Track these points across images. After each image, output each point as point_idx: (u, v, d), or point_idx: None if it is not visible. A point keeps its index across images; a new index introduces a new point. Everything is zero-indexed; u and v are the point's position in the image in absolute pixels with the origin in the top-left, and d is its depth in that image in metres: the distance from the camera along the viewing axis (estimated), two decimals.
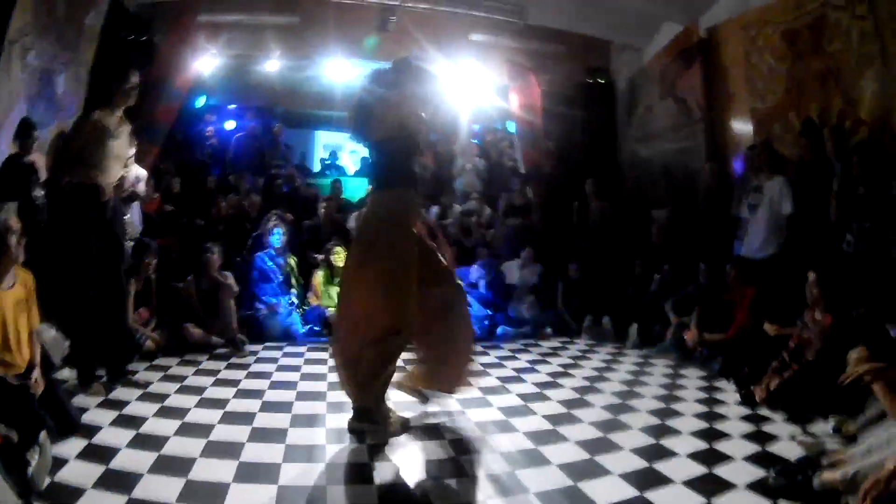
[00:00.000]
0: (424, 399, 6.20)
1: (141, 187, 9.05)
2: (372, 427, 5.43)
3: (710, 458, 5.00)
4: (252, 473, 4.52)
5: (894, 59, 7.66)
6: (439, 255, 5.73)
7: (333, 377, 7.05)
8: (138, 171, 9.12)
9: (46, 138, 8.74)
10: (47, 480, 4.06)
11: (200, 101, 15.56)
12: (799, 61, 9.07)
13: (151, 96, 11.82)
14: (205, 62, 13.50)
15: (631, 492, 4.38)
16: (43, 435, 4.17)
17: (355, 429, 5.43)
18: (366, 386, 5.41)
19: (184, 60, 12.70)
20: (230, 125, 16.40)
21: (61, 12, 9.54)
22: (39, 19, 8.93)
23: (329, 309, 9.53)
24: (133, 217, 9.05)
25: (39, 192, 7.73)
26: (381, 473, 4.66)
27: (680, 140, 12.14)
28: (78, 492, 4.00)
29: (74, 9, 9.93)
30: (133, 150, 8.81)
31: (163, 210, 11.31)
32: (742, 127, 10.49)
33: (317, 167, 17.58)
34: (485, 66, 14.05)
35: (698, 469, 4.77)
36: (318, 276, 10.00)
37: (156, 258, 8.27)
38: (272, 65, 14.46)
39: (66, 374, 6.44)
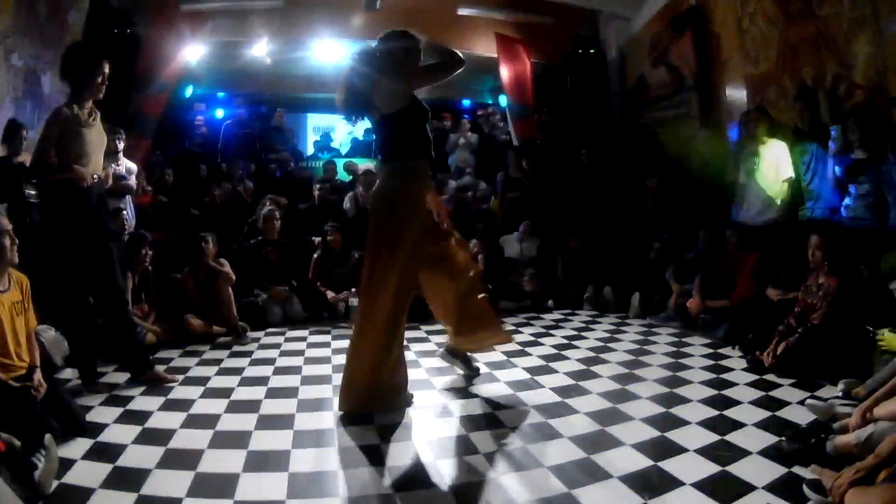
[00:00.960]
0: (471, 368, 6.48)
1: (132, 181, 9.01)
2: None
3: (722, 425, 4.98)
4: (262, 462, 4.48)
5: (887, 22, 7.63)
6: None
7: (338, 360, 7.13)
8: (129, 165, 9.13)
9: (35, 138, 8.76)
10: (55, 483, 4.01)
11: (188, 91, 15.51)
12: (791, 26, 9.06)
13: (139, 88, 11.83)
14: (191, 51, 13.47)
15: (645, 462, 4.34)
16: (48, 438, 4.11)
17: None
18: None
19: (169, 51, 12.68)
20: (220, 113, 16.37)
21: (43, 12, 9.58)
22: (21, 20, 8.96)
23: (328, 292, 9.56)
24: (127, 211, 9.00)
25: (31, 193, 7.70)
26: (393, 454, 4.63)
27: (673, 108, 12.14)
28: (86, 492, 3.95)
29: (56, 8, 9.96)
30: (122, 144, 8.75)
31: (157, 202, 11.26)
32: (736, 93, 10.50)
33: (309, 150, 17.54)
34: (474, 41, 14.00)
35: (711, 437, 4.74)
36: (316, 259, 9.96)
37: (152, 250, 8.20)
38: (259, 50, 14.43)
39: (69, 373, 6.40)
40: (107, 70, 6.11)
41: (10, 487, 3.52)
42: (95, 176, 6.12)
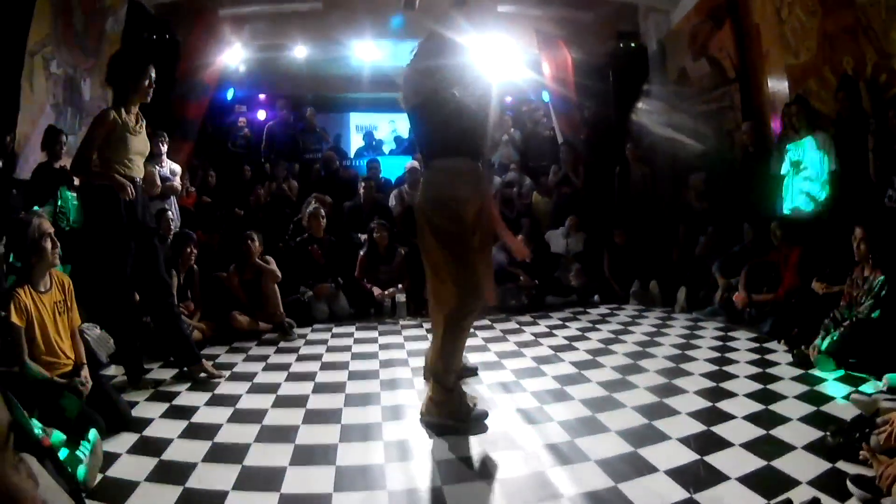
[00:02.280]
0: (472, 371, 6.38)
1: (176, 182, 9.14)
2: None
3: (767, 419, 4.95)
4: (309, 456, 4.52)
5: None
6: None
7: (385, 355, 7.27)
8: (172, 166, 9.25)
9: (76, 144, 8.91)
10: (99, 476, 4.08)
11: (230, 94, 15.67)
12: (830, 15, 8.95)
13: (180, 92, 11.95)
14: (230, 55, 13.65)
15: (691, 456, 4.34)
16: (93, 432, 4.19)
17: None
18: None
19: (209, 55, 12.85)
20: (261, 115, 16.51)
21: (80, 21, 9.71)
22: (58, 29, 9.07)
23: (375, 288, 9.66)
24: (172, 212, 9.12)
25: (73, 195, 7.85)
26: (440, 449, 4.64)
27: (715, 101, 12.06)
28: (131, 485, 4.01)
29: (93, 16, 10.10)
30: (165, 147, 8.89)
31: (201, 203, 11.42)
32: (777, 84, 10.38)
33: (353, 149, 17.64)
34: (515, 38, 14.00)
35: (756, 431, 4.72)
36: (363, 256, 10.05)
37: (196, 248, 8.32)
38: (299, 51, 14.52)
39: (114, 370, 6.52)
40: (153, 74, 6.20)
41: (56, 480, 3.61)
42: (139, 178, 6.24)
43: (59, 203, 7.76)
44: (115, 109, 6.02)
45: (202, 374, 6.43)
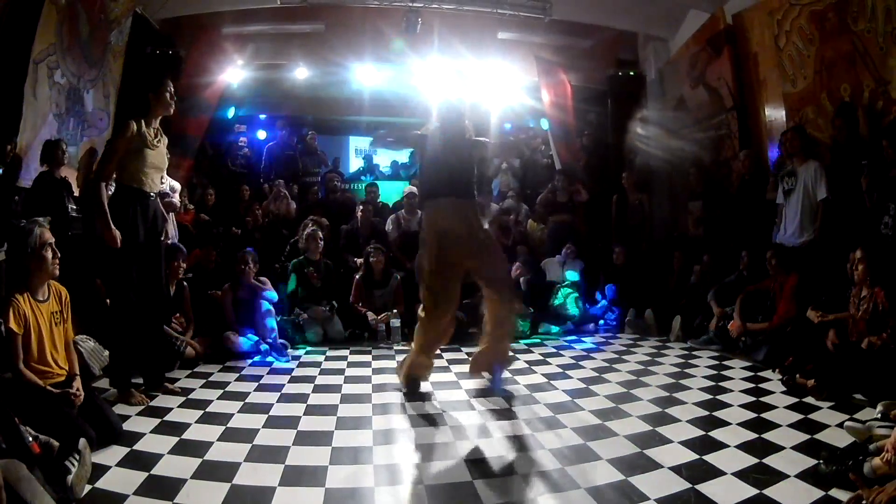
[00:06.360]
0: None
1: (175, 199, 9.15)
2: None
3: (760, 448, 4.93)
4: (298, 477, 4.50)
5: None
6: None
7: (378, 380, 7.23)
8: (172, 183, 9.24)
9: (77, 155, 8.86)
10: (87, 488, 4.06)
11: (230, 112, 15.68)
12: (827, 43, 9.00)
13: (181, 109, 11.97)
14: (232, 73, 13.65)
15: (682, 485, 4.31)
16: (82, 442, 4.17)
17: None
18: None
19: (211, 73, 12.86)
20: (262, 135, 16.53)
21: (85, 31, 9.68)
22: (63, 39, 9.04)
23: (369, 313, 9.61)
24: (169, 228, 9.11)
25: (73, 207, 7.84)
26: (431, 474, 4.62)
27: (713, 128, 12.06)
28: (120, 498, 4.00)
29: (98, 27, 10.07)
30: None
31: (199, 220, 11.41)
32: (775, 112, 10.41)
33: (351, 172, 17.67)
34: (514, 64, 14.04)
35: (749, 460, 4.69)
36: (358, 280, 10.02)
37: (185, 261, 8.36)
38: (300, 73, 14.53)
39: (106, 383, 6.45)
40: (171, 88, 6.29)
41: (43, 487, 3.60)
42: (153, 193, 6.30)
43: None
44: (136, 120, 6.09)
45: (134, 401, 6.10)
